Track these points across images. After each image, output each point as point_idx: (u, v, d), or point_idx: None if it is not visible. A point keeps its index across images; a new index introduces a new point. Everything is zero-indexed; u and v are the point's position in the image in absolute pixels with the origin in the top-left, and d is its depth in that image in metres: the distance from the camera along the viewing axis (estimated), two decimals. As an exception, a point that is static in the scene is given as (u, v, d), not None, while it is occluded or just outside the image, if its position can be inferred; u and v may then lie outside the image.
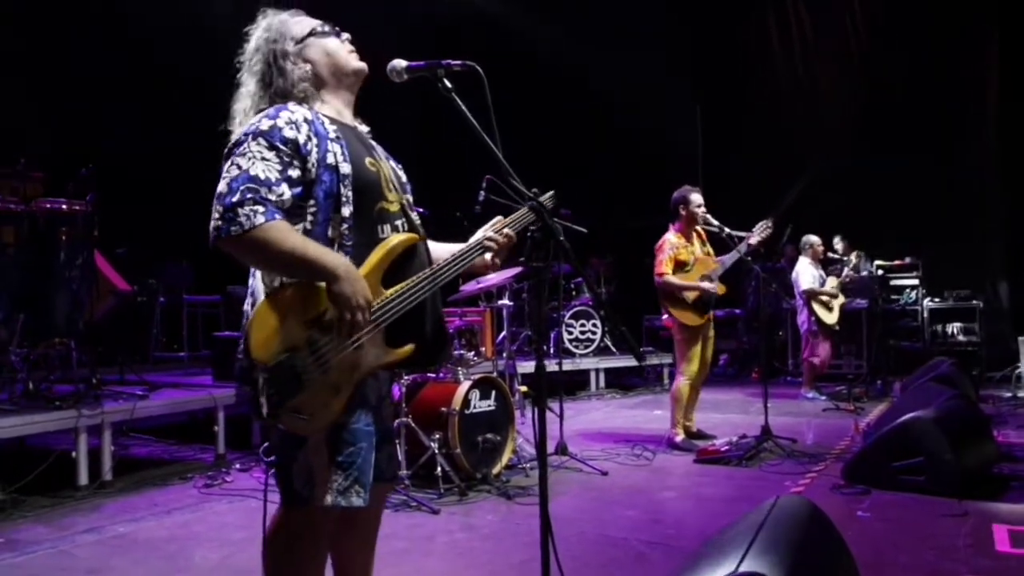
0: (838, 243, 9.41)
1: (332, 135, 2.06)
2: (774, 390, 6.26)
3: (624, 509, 4.26)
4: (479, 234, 2.28)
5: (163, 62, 8.47)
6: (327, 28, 2.22)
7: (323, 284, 1.93)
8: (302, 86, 2.14)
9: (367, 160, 2.13)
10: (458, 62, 2.13)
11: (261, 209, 1.87)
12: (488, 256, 2.28)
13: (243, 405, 5.84)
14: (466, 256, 2.22)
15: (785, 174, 11.29)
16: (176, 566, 3.42)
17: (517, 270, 5.62)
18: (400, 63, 2.16)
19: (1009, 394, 8.23)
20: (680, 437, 5.87)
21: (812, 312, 8.26)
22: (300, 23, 2.21)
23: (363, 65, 2.23)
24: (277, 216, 1.90)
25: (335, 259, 1.94)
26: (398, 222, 2.16)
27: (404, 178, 2.35)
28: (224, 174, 1.94)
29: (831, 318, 8.32)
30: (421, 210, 2.65)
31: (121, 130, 8.28)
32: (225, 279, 9.37)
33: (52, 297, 5.07)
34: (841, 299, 8.50)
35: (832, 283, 8.46)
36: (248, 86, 2.18)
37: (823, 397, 8.11)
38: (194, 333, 8.99)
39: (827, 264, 8.85)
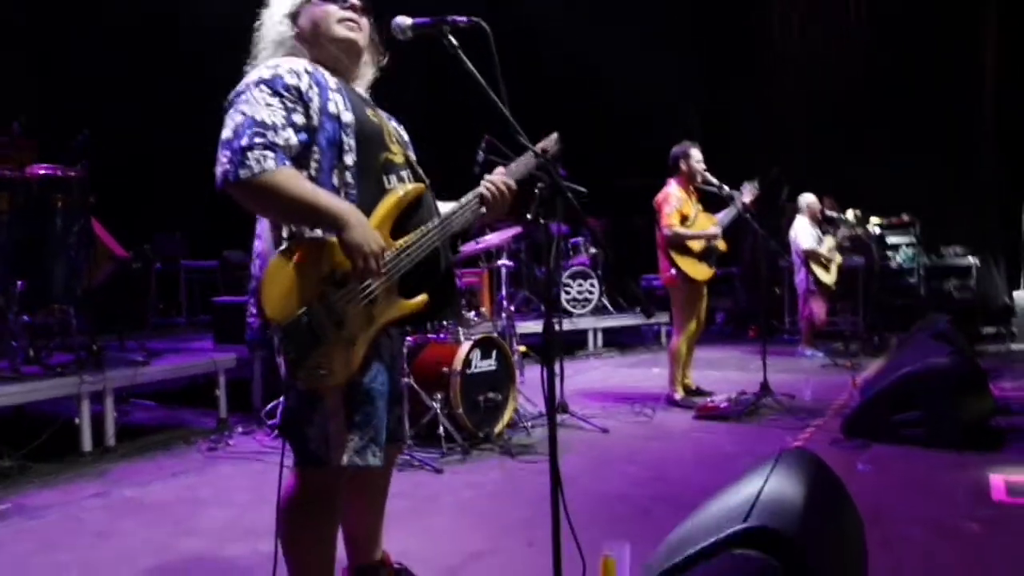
0: (827, 203, 9.37)
1: (332, 85, 2.06)
2: (771, 348, 6.28)
3: (626, 465, 4.30)
4: (483, 183, 2.26)
5: (155, 35, 8.40)
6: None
7: (333, 237, 1.93)
8: (290, 44, 2.15)
9: (368, 111, 2.13)
10: (463, 18, 2.11)
11: (271, 154, 1.87)
12: (483, 209, 2.25)
13: (245, 369, 5.87)
14: (466, 206, 2.20)
15: (780, 135, 11.28)
16: (185, 528, 3.45)
17: (517, 230, 5.61)
18: (404, 20, 2.14)
19: (1005, 348, 8.30)
20: (679, 395, 5.91)
21: (810, 271, 8.28)
22: None
23: (348, 35, 2.18)
24: (287, 162, 1.90)
25: (345, 206, 1.93)
26: (403, 172, 2.16)
27: (406, 137, 2.34)
28: (228, 121, 1.93)
29: (829, 278, 8.34)
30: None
31: (113, 100, 8.21)
32: (220, 244, 9.37)
33: (50, 264, 5.03)
34: (839, 259, 8.52)
35: (829, 243, 8.47)
36: (260, 51, 2.19)
37: (821, 354, 8.17)
38: (192, 298, 8.99)
39: (826, 223, 8.85)
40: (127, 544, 3.27)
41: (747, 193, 5.89)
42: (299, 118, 1.97)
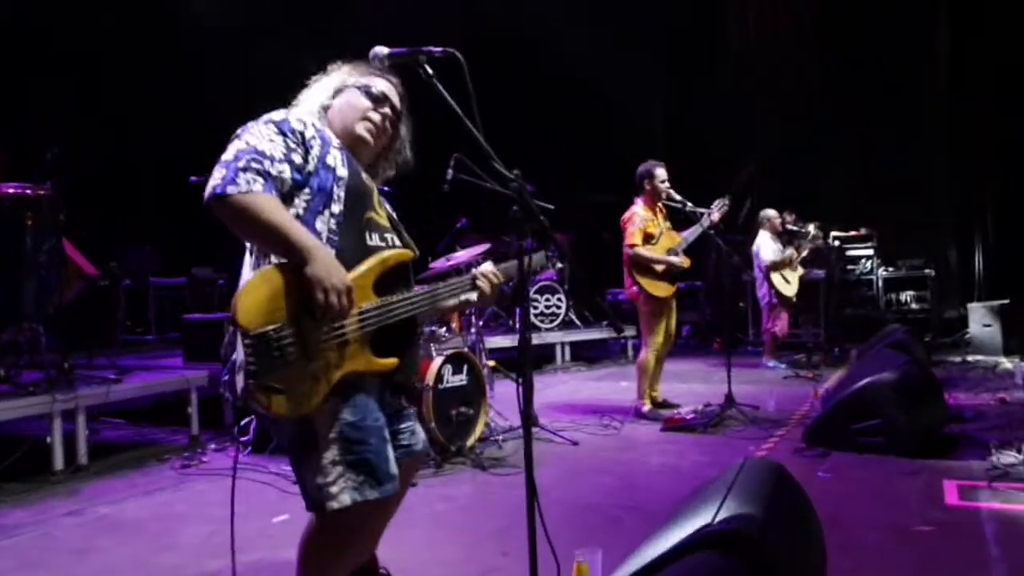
0: (787, 217, 9.58)
1: (336, 144, 2.18)
2: (736, 360, 6.46)
3: (597, 476, 4.41)
4: (469, 274, 2.41)
5: (126, 47, 8.41)
6: (374, 93, 2.31)
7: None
8: (319, 112, 2.29)
9: (363, 175, 2.24)
10: (438, 49, 2.21)
11: (261, 180, 1.97)
12: (474, 295, 2.40)
13: (217, 386, 5.87)
14: (457, 287, 2.35)
15: (742, 150, 11.52)
16: (163, 544, 3.49)
17: (486, 247, 5.71)
18: (382, 50, 2.25)
19: (959, 358, 8.56)
20: (647, 407, 6.04)
21: (771, 285, 8.49)
22: (363, 76, 2.34)
23: (362, 135, 2.29)
24: (274, 191, 1.99)
25: (314, 243, 1.99)
26: (387, 235, 2.25)
27: (392, 214, 2.41)
28: (229, 148, 2.02)
29: (790, 290, 8.55)
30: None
31: (80, 114, 8.19)
32: (189, 261, 9.35)
33: (20, 283, 5.02)
34: (800, 271, 8.73)
35: (790, 255, 8.67)
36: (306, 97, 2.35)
37: (783, 365, 8.37)
38: (161, 316, 8.95)
39: (787, 237, 9.06)
40: (106, 561, 3.30)
41: (716, 211, 6.03)
42: (297, 158, 2.06)
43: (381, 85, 2.33)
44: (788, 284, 8.56)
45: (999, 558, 2.99)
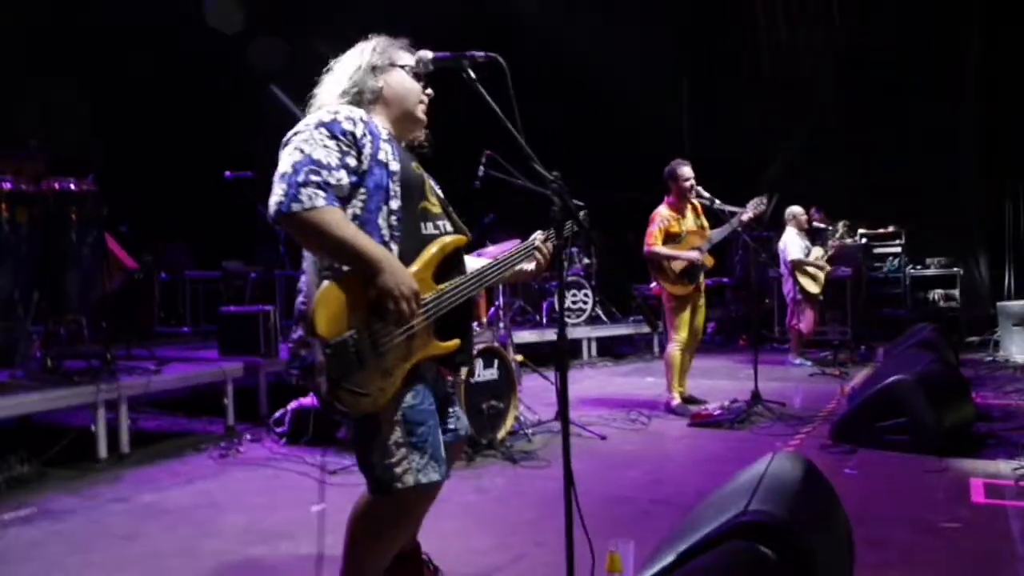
0: (814, 214, 9.59)
1: (385, 136, 2.24)
2: (762, 357, 6.50)
3: (625, 470, 4.49)
4: (527, 242, 2.47)
5: (161, 47, 8.57)
6: (420, 71, 2.38)
7: None
8: (368, 95, 2.32)
9: (413, 164, 2.31)
10: (482, 54, 2.29)
11: (323, 193, 2.03)
12: (531, 265, 2.47)
13: (251, 377, 6.01)
14: (515, 258, 2.41)
15: (770, 146, 11.52)
16: (206, 531, 3.61)
17: (515, 242, 5.78)
18: (427, 54, 2.34)
19: (988, 358, 8.53)
20: (676, 401, 6.08)
21: (796, 281, 8.51)
22: (402, 54, 2.38)
23: (422, 118, 2.40)
24: (336, 203, 2.06)
25: (380, 252, 2.08)
26: (440, 222, 2.33)
27: (440, 193, 2.50)
28: (285, 158, 2.09)
29: (815, 287, 8.56)
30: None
31: (121, 111, 8.37)
32: (220, 255, 9.53)
33: (65, 275, 5.20)
34: (828, 269, 8.73)
35: (818, 253, 8.69)
36: (326, 81, 2.36)
37: (809, 363, 8.39)
38: (196, 308, 9.12)
39: (813, 234, 9.08)
40: (155, 546, 3.43)
41: (751, 210, 6.05)
42: (352, 161, 2.14)
43: (413, 61, 2.40)
44: (814, 282, 8.56)
45: (1025, 555, 3.04)
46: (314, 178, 2.04)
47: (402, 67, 2.36)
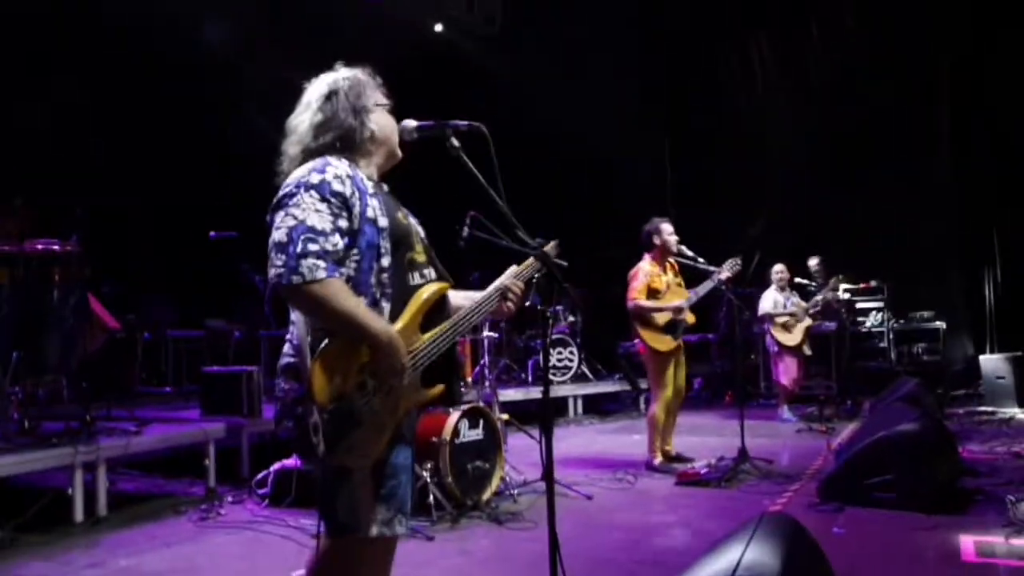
0: (814, 263, 9.69)
1: (370, 190, 2.23)
2: (749, 413, 6.49)
3: (611, 531, 4.44)
4: (498, 282, 2.44)
5: (141, 95, 8.62)
6: (390, 110, 2.40)
7: None
8: (361, 140, 2.29)
9: (399, 214, 2.31)
10: (464, 123, 2.33)
11: (323, 264, 2.03)
12: (507, 304, 2.44)
13: (234, 438, 5.94)
14: (487, 302, 2.40)
15: (751, 205, 11.68)
16: (184, 597, 3.53)
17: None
18: (411, 123, 2.37)
19: (972, 410, 8.56)
20: (658, 460, 6.06)
21: (772, 334, 8.63)
22: (376, 90, 2.37)
23: (400, 154, 2.42)
24: (336, 273, 2.06)
25: (380, 326, 2.09)
26: (426, 271, 2.33)
27: (422, 232, 2.52)
28: (279, 224, 2.09)
29: (791, 339, 8.65)
30: None
31: (99, 166, 8.38)
32: (204, 313, 9.47)
33: (45, 336, 5.17)
34: (807, 322, 8.79)
35: (799, 305, 8.79)
36: (302, 127, 2.30)
37: (795, 418, 8.39)
38: (178, 368, 9.04)
39: (800, 288, 9.19)
40: (128, 614, 3.35)
41: (727, 270, 6.12)
42: (343, 223, 2.13)
43: (385, 99, 2.41)
44: (789, 334, 8.67)
45: (1016, 615, 3.01)
46: (312, 247, 2.04)
47: (382, 106, 2.37)
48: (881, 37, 10.98)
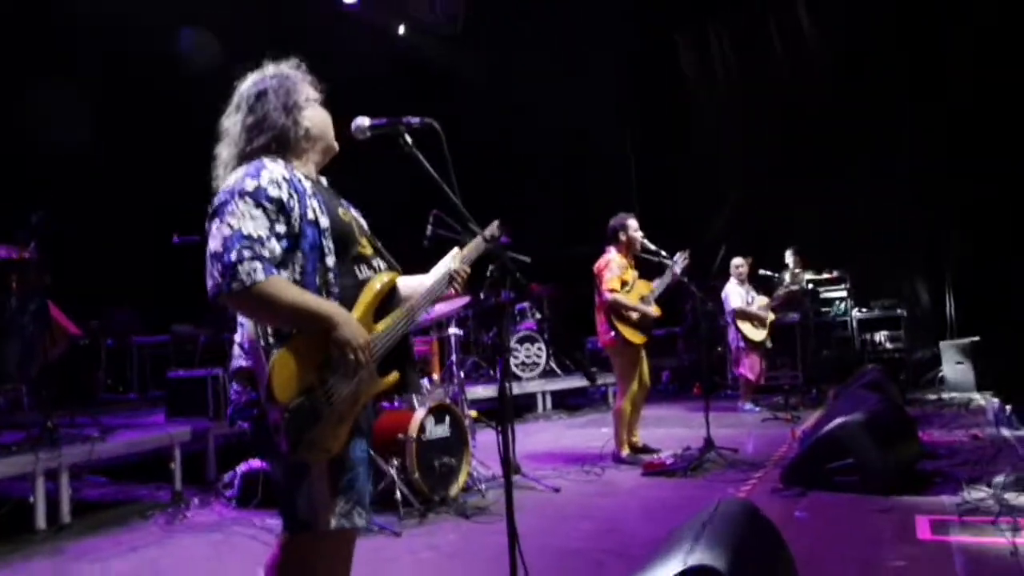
0: (790, 256, 9.85)
1: (309, 191, 2.21)
2: (715, 404, 6.57)
3: (579, 522, 4.47)
4: (443, 266, 2.44)
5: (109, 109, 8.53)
6: (322, 102, 2.39)
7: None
8: (295, 138, 2.28)
9: (340, 211, 2.30)
10: (416, 119, 2.35)
11: (260, 265, 2.02)
12: (453, 286, 2.45)
13: (199, 442, 5.91)
14: (437, 287, 2.39)
15: (713, 199, 11.82)
16: (149, 601, 3.51)
17: (467, 299, 5.81)
18: (364, 121, 2.37)
19: (933, 396, 8.72)
20: (625, 452, 6.11)
21: (739, 329, 8.74)
22: (307, 85, 2.36)
23: (336, 146, 2.41)
24: (274, 271, 2.05)
25: (331, 307, 2.10)
26: (374, 262, 2.34)
27: (363, 222, 2.54)
28: (215, 233, 2.06)
29: (758, 335, 8.77)
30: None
31: (65, 173, 8.28)
32: (169, 318, 9.38)
33: (4, 344, 5.10)
34: (771, 317, 8.93)
35: (761, 302, 8.92)
36: (235, 129, 2.29)
37: (758, 409, 8.51)
38: (143, 374, 8.95)
39: (763, 282, 9.32)
40: (93, 619, 3.32)
41: (679, 264, 6.20)
42: (281, 228, 2.12)
43: (316, 92, 2.40)
44: (756, 330, 8.77)
45: (968, 591, 3.09)
46: (247, 254, 2.02)
47: (315, 100, 2.36)
48: (842, 31, 11.16)
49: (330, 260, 2.19)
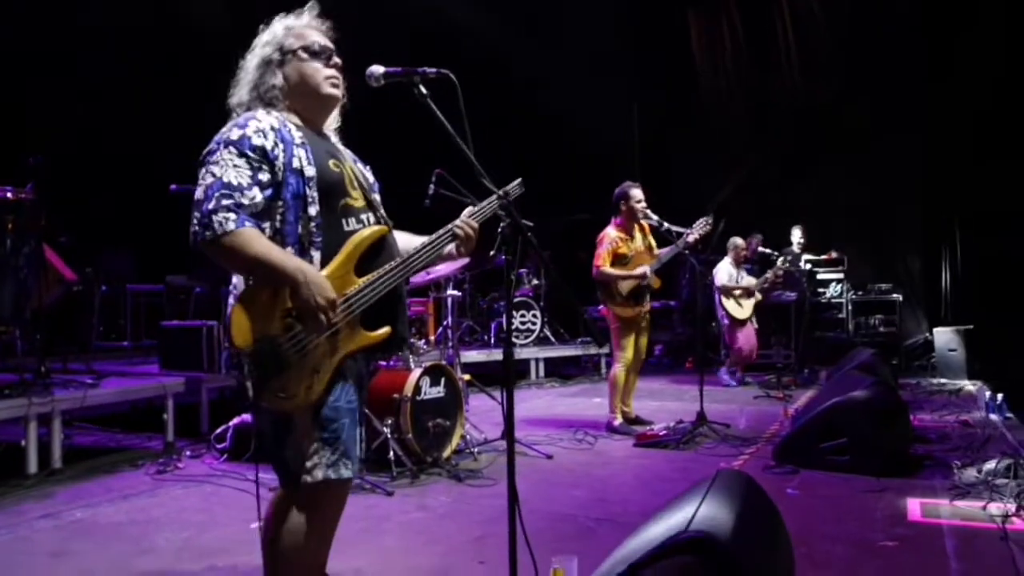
0: (797, 233, 9.89)
1: (298, 141, 2.22)
2: (708, 378, 6.57)
3: (570, 489, 4.48)
4: (450, 224, 2.40)
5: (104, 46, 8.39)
6: (316, 49, 2.34)
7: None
8: (272, 93, 2.31)
9: (331, 162, 2.29)
10: (433, 69, 2.30)
11: (233, 216, 2.05)
12: (452, 246, 2.42)
13: (193, 393, 5.89)
14: (435, 243, 2.36)
15: (720, 170, 11.75)
16: (140, 548, 3.50)
17: (465, 261, 5.78)
18: (378, 69, 2.32)
19: (925, 381, 8.76)
20: (619, 421, 6.13)
21: (722, 306, 8.86)
22: (298, 37, 2.33)
23: (333, 92, 2.37)
24: (247, 223, 2.07)
25: (295, 264, 2.09)
26: (364, 216, 2.32)
27: (372, 179, 2.50)
28: (200, 181, 2.11)
29: (741, 312, 8.87)
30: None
31: (56, 115, 8.16)
32: (166, 268, 9.32)
33: (-2, 285, 5.04)
34: (757, 297, 8.98)
35: (749, 282, 8.97)
36: (242, 85, 2.35)
37: (735, 383, 8.63)
38: (137, 322, 8.91)
39: (761, 262, 9.34)
40: (83, 564, 3.31)
41: (697, 230, 6.13)
42: (264, 176, 2.14)
43: (316, 36, 2.37)
44: (740, 307, 8.89)
45: (958, 571, 3.10)
46: (225, 202, 2.06)
47: (298, 52, 2.32)
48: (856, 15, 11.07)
49: (312, 210, 2.19)
